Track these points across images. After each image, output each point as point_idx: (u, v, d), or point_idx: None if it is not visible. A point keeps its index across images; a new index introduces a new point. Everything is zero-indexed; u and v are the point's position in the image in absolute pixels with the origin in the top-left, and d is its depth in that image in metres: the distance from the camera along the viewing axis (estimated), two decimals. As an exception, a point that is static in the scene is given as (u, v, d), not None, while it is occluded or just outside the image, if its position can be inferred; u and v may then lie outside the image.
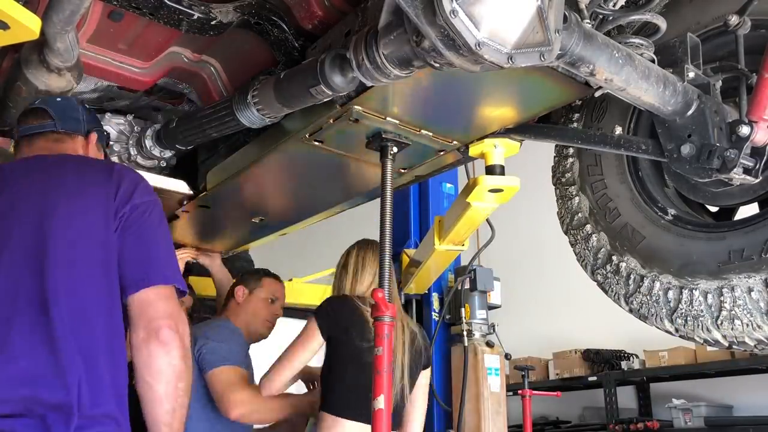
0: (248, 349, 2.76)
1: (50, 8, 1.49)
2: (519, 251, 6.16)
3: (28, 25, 1.31)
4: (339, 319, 2.35)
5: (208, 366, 2.48)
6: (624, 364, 5.37)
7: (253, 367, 2.71)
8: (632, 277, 1.85)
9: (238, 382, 2.46)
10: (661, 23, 1.61)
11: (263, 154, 2.18)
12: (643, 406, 5.42)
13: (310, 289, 3.63)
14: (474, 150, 2.12)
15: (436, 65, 1.36)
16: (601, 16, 1.62)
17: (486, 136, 2.07)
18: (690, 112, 1.64)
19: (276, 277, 2.98)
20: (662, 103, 1.59)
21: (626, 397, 5.46)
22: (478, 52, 1.22)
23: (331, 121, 1.92)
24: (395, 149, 2.02)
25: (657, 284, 1.80)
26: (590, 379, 5.39)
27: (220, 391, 2.43)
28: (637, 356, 5.42)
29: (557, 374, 5.74)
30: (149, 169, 2.48)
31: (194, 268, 3.58)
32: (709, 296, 1.70)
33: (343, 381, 2.30)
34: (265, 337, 2.87)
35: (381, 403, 1.83)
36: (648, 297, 1.81)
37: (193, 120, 2.17)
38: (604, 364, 5.45)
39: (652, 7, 1.64)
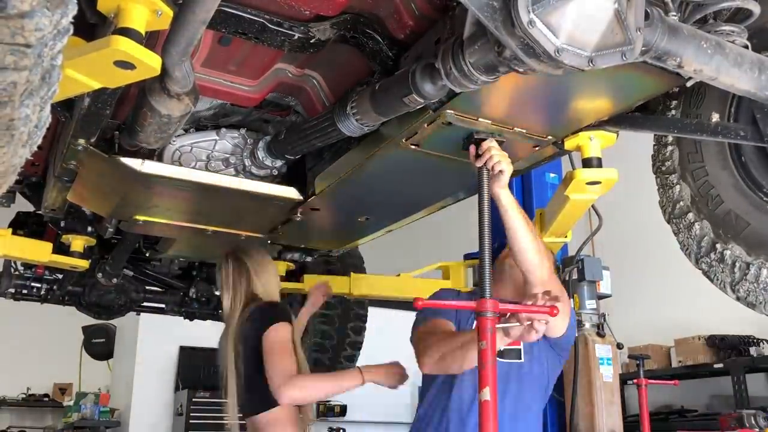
0: None
1: (168, 42, 1.65)
2: (631, 237, 6.00)
3: (150, 63, 1.47)
4: None
5: None
6: (753, 350, 5.13)
7: None
8: (738, 264, 1.82)
9: None
10: (754, 7, 1.58)
11: (365, 159, 2.30)
12: (774, 395, 5.15)
13: (418, 282, 3.73)
14: (569, 143, 2.14)
15: (520, 71, 1.42)
16: (690, 6, 1.61)
17: (581, 129, 2.09)
18: (789, 96, 1.59)
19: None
20: (758, 88, 1.56)
21: (756, 385, 5.21)
22: (557, 58, 1.26)
23: (426, 125, 2.00)
24: (490, 148, 2.07)
25: (764, 271, 1.76)
26: (716, 366, 5.19)
27: None
28: (767, 342, 5.16)
29: (680, 362, 5.56)
30: (263, 178, 2.66)
31: (308, 267, 3.77)
32: (819, 282, 1.66)
33: None
34: None
35: (487, 394, 1.90)
36: (755, 285, 1.78)
37: (299, 131, 2.32)
38: (731, 351, 5.22)
39: (743, -8, 1.61)
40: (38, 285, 3.79)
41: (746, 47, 1.58)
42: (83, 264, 3.32)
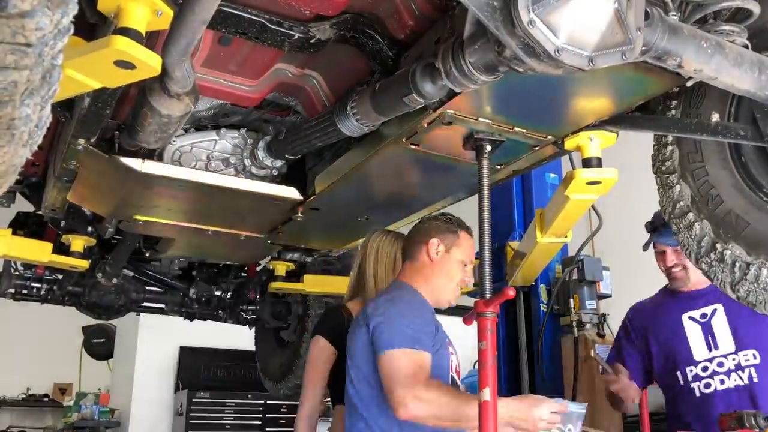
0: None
1: (168, 42, 1.65)
2: (631, 237, 5.98)
3: (150, 63, 1.47)
4: None
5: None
6: (752, 351, 5.12)
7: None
8: (738, 264, 1.81)
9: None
10: (754, 7, 1.58)
11: (365, 159, 2.30)
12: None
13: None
14: (569, 143, 2.13)
15: (520, 71, 1.42)
16: (690, 6, 1.61)
17: (581, 129, 2.09)
18: (789, 96, 1.59)
19: (471, 232, 2.44)
20: (758, 88, 1.56)
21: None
22: (557, 57, 1.27)
23: (426, 125, 2.00)
24: (489, 147, 2.07)
25: (764, 271, 1.75)
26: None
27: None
28: (766, 342, 5.15)
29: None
30: (262, 178, 2.66)
31: (308, 267, 3.77)
32: (819, 282, 1.65)
33: None
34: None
35: (487, 395, 1.89)
36: (755, 285, 1.77)
37: (299, 131, 2.32)
38: (731, 351, 5.21)
39: (743, -8, 1.61)
40: (38, 285, 3.79)
41: (746, 47, 1.58)
42: (83, 264, 3.32)
